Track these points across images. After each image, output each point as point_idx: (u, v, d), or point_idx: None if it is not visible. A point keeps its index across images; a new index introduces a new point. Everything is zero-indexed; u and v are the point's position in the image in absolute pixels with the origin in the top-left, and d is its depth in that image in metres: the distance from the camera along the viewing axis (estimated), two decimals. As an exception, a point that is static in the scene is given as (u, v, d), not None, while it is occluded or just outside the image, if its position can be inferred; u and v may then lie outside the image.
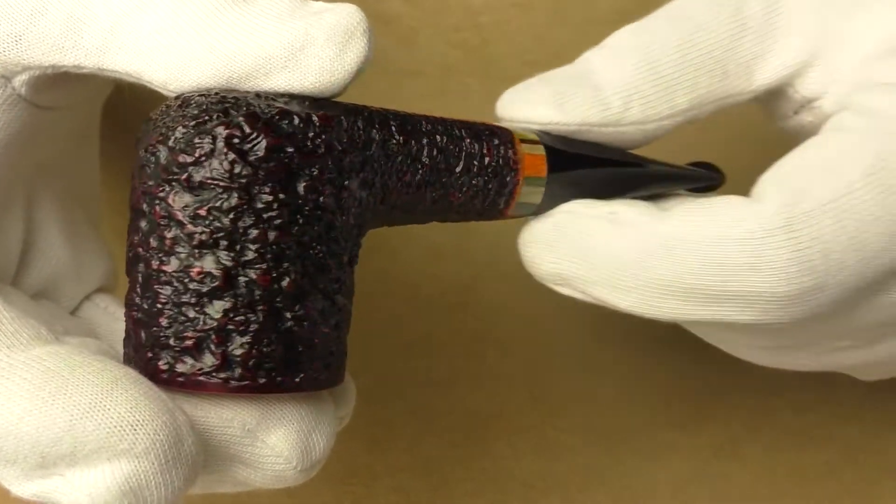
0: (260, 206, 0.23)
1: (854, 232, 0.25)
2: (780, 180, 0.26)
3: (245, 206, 0.23)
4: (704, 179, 0.32)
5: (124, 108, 0.32)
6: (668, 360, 0.40)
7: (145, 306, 0.24)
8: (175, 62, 0.24)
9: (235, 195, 0.23)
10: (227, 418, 0.24)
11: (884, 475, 0.39)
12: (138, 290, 0.24)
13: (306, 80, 0.23)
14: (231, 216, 0.23)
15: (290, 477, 0.24)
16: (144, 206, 0.24)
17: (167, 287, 0.23)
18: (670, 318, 0.27)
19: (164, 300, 0.23)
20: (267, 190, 0.23)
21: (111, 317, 0.29)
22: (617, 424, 0.39)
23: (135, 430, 0.22)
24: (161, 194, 0.23)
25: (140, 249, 0.24)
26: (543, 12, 0.36)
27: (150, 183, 0.23)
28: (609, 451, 0.39)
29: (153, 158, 0.23)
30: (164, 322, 0.23)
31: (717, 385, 0.40)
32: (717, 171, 0.32)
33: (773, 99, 0.30)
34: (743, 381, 0.40)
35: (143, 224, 0.24)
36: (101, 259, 0.30)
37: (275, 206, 0.23)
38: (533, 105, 0.28)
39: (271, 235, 0.23)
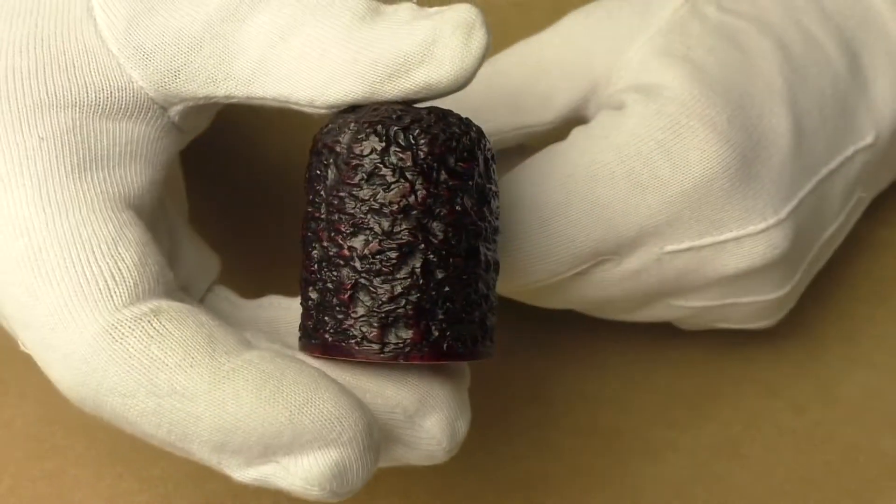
0: (446, 191, 0.26)
1: (545, 218, 0.32)
2: (507, 177, 0.33)
3: (433, 190, 0.26)
4: None
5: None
6: (668, 360, 0.40)
7: (328, 287, 0.27)
8: (321, 79, 0.27)
9: (431, 187, 0.26)
10: (393, 405, 0.27)
11: (884, 475, 0.39)
12: (319, 272, 0.27)
13: (442, 71, 0.27)
14: (422, 200, 0.26)
15: (439, 457, 0.29)
16: (334, 199, 0.26)
17: (352, 266, 0.26)
18: None
19: (349, 279, 0.26)
20: (462, 183, 0.26)
21: (233, 305, 0.32)
22: (617, 424, 0.39)
23: (340, 422, 0.25)
24: (356, 187, 0.26)
25: (323, 233, 0.27)
26: (543, 12, 0.36)
27: (352, 176, 0.26)
28: (609, 451, 0.39)
29: (356, 160, 0.26)
30: (355, 300, 0.26)
31: (716, 385, 0.40)
32: None
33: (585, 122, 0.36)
34: (743, 381, 0.40)
35: (323, 209, 0.27)
36: (211, 252, 0.33)
37: (461, 193, 0.26)
38: None
39: (455, 213, 0.26)
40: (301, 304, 0.28)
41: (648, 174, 0.32)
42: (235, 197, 0.38)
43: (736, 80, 0.34)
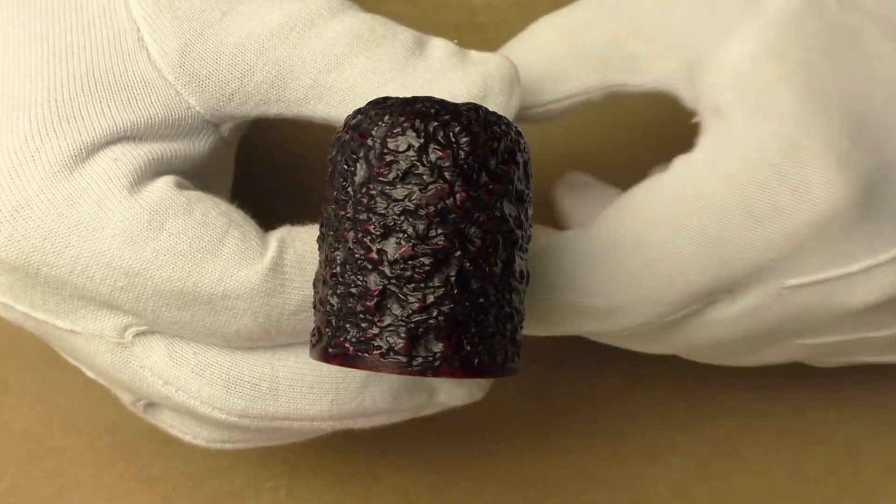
0: (486, 195, 0.25)
1: (651, 257, 0.30)
2: (606, 214, 0.31)
3: (473, 193, 0.25)
4: None
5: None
6: (668, 361, 0.40)
7: (351, 292, 0.25)
8: None
9: (471, 192, 0.25)
10: None
11: (884, 475, 0.39)
12: (342, 276, 0.25)
13: None
14: (460, 203, 0.24)
15: (479, 395, 0.33)
16: (363, 196, 0.25)
17: (381, 271, 0.25)
18: None
19: (377, 285, 0.25)
20: (497, 190, 0.25)
21: None
22: (617, 424, 0.39)
23: None
24: (389, 185, 0.25)
25: (348, 233, 0.25)
26: (543, 12, 0.36)
27: (382, 178, 0.25)
28: (609, 451, 0.39)
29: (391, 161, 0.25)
30: (383, 308, 0.25)
31: (717, 385, 0.40)
32: None
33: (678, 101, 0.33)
34: (743, 381, 0.40)
35: (350, 207, 0.25)
36: None
37: (501, 197, 0.25)
38: None
39: (494, 220, 0.25)
40: (316, 308, 0.27)
41: (765, 204, 0.29)
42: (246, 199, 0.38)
43: (857, 91, 0.31)
